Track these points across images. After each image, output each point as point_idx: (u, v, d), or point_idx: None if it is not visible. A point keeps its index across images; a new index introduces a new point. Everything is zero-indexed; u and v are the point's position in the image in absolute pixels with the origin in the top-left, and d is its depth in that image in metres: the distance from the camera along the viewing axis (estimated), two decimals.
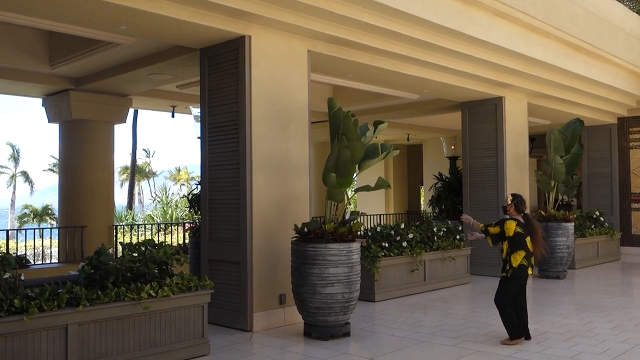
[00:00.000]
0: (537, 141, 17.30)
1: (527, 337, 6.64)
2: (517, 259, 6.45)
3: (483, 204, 12.11)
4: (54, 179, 62.10)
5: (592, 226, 14.16)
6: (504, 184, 12.01)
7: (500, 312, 6.55)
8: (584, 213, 14.85)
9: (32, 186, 59.94)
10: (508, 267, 6.50)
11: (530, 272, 6.60)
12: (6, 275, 4.91)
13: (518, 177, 12.48)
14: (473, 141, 12.50)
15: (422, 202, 22.89)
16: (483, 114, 12.38)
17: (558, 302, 9.40)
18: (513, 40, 9.92)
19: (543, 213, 12.02)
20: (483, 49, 9.76)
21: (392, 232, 9.75)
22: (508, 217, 6.70)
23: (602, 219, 14.65)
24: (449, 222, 11.47)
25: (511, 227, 6.49)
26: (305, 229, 6.94)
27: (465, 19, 8.85)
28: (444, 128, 17.65)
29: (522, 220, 6.61)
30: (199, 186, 8.85)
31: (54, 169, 56.23)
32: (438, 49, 9.23)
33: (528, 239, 6.55)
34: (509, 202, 6.73)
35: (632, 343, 6.64)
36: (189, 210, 10.03)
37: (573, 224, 12.02)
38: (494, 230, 6.63)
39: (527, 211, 7.04)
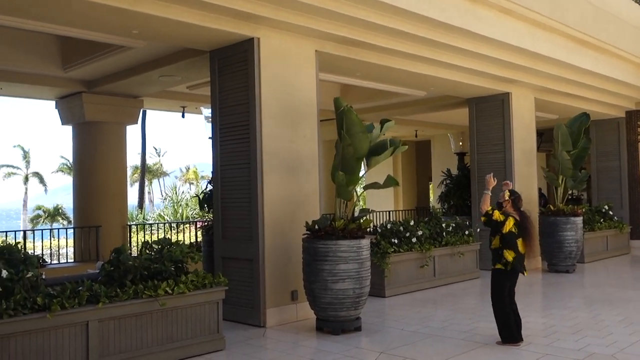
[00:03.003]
0: (545, 136, 17.33)
1: (521, 339, 6.43)
2: (510, 255, 6.26)
3: (491, 199, 12.14)
4: (64, 180, 62.54)
5: (602, 220, 14.22)
6: (512, 179, 12.09)
7: (497, 312, 6.36)
8: (593, 207, 14.89)
9: (45, 187, 60.43)
10: (505, 261, 6.28)
11: (525, 274, 6.46)
12: (29, 275, 5.08)
13: (526, 172, 12.57)
14: (480, 137, 12.59)
15: (431, 198, 22.96)
16: (490, 110, 12.46)
17: (567, 296, 9.49)
18: (519, 37, 10.01)
19: (552, 208, 12.09)
20: (489, 46, 9.86)
21: (402, 228, 9.88)
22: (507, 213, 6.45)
23: (611, 212, 14.70)
24: (458, 218, 11.58)
25: (509, 225, 6.27)
26: (316, 226, 7.09)
27: (472, 17, 8.96)
28: (451, 124, 17.72)
29: (517, 218, 6.37)
30: (209, 185, 9.02)
31: (65, 170, 56.64)
32: (444, 46, 9.35)
33: (520, 240, 6.32)
34: (506, 197, 6.55)
35: None
36: (200, 210, 10.19)
37: (581, 218, 12.09)
38: (498, 217, 6.34)
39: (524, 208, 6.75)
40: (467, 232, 11.04)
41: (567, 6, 10.80)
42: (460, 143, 15.74)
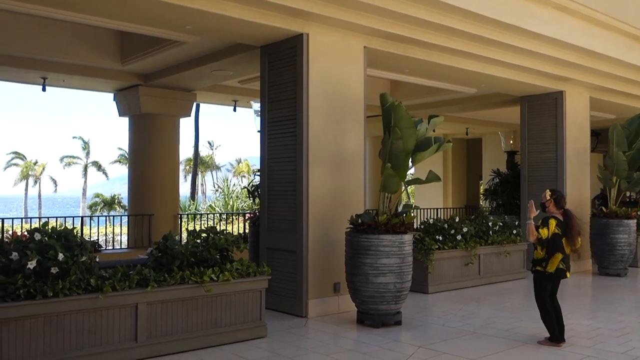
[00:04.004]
0: (602, 136, 16.87)
1: (563, 340, 6.34)
2: (555, 262, 6.18)
3: (541, 199, 11.97)
4: (121, 170, 64.70)
5: None
6: (563, 179, 11.87)
7: (541, 311, 6.36)
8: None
9: (106, 175, 62.67)
10: (545, 264, 6.22)
11: (568, 275, 6.34)
12: (83, 258, 5.38)
13: (578, 172, 12.30)
14: (532, 136, 12.39)
15: (481, 197, 22.68)
16: (543, 108, 12.25)
17: (616, 300, 9.28)
18: (573, 34, 9.80)
19: (604, 210, 11.80)
20: (542, 43, 9.69)
21: (446, 225, 9.86)
22: (548, 215, 6.38)
23: None
24: (506, 217, 11.45)
25: (551, 227, 6.16)
26: (359, 220, 7.18)
27: (524, 14, 8.83)
28: (503, 122, 17.46)
29: (561, 218, 6.30)
30: (257, 177, 9.23)
31: (122, 160, 58.52)
32: (495, 43, 9.25)
33: (564, 239, 6.23)
34: (548, 197, 6.43)
35: None
36: (251, 200, 10.43)
37: (635, 220, 11.75)
38: (543, 233, 6.18)
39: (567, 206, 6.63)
40: (514, 232, 10.91)
41: (625, 2, 10.49)
42: (511, 142, 15.50)
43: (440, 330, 7.10)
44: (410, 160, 7.41)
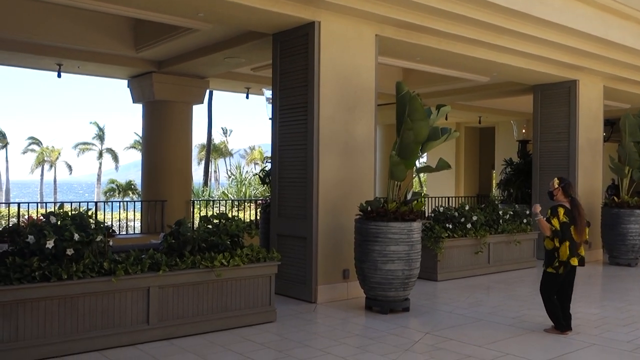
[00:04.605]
0: (617, 125, 16.74)
1: (570, 328, 6.38)
2: (565, 251, 6.15)
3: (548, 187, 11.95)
4: (136, 156, 65.16)
5: None
6: (575, 169, 11.84)
7: (545, 303, 6.38)
8: None
9: (117, 164, 63.15)
10: (557, 264, 6.21)
11: (575, 262, 6.20)
12: (98, 239, 5.51)
13: (591, 162, 12.25)
14: (544, 125, 12.34)
15: (493, 186, 22.62)
16: (556, 97, 12.19)
17: (625, 289, 9.28)
18: (588, 23, 9.72)
19: (616, 200, 11.76)
20: (554, 31, 9.63)
21: (456, 214, 9.89)
22: (556, 203, 6.36)
23: None
24: (517, 206, 11.46)
25: (560, 216, 6.14)
26: (369, 208, 7.25)
27: (536, 2, 8.78)
28: (517, 111, 17.38)
29: (568, 207, 6.28)
30: (269, 164, 9.32)
31: (137, 146, 58.92)
32: (507, 31, 9.21)
33: (572, 228, 6.19)
34: (556, 186, 6.41)
35: None
36: (263, 186, 10.50)
37: None
38: (555, 223, 6.16)
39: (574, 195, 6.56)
40: (525, 221, 10.92)
41: None
42: (524, 130, 15.43)
43: (448, 317, 7.18)
44: (419, 149, 7.45)
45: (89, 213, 5.74)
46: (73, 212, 5.64)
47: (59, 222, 5.38)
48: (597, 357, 5.68)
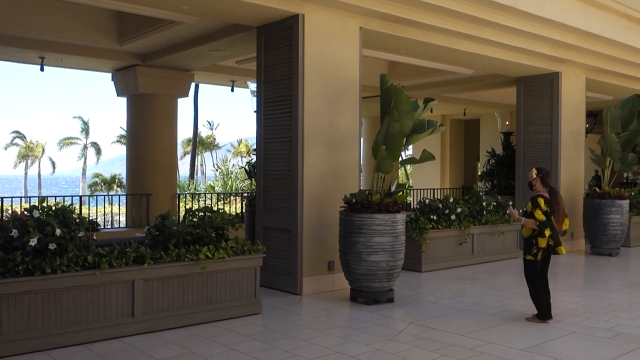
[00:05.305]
0: (599, 117, 16.93)
1: (550, 316, 6.48)
2: (544, 239, 6.23)
3: (527, 178, 12.09)
4: (121, 150, 64.79)
5: None
6: (557, 160, 11.98)
7: (530, 290, 6.50)
8: None
9: (99, 157, 62.76)
10: (535, 250, 6.33)
11: (562, 251, 6.36)
12: (80, 234, 5.50)
13: (573, 154, 12.39)
14: (527, 117, 12.46)
15: (478, 177, 22.81)
16: (539, 90, 12.30)
17: (606, 278, 9.43)
18: (570, 15, 9.82)
19: (598, 190, 11.92)
20: (538, 24, 9.72)
21: (440, 205, 9.98)
22: (535, 193, 6.43)
23: None
24: (499, 197, 11.57)
25: (541, 206, 6.21)
26: (353, 200, 7.30)
27: None
28: (501, 103, 17.51)
29: (547, 196, 6.35)
30: (255, 157, 9.33)
31: (122, 140, 58.57)
32: (491, 24, 9.28)
33: (552, 216, 6.27)
34: (534, 176, 6.49)
35: None
36: (249, 178, 10.52)
37: (628, 201, 11.87)
38: (539, 215, 6.20)
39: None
40: (510, 202, 11.01)
41: None
42: (507, 122, 15.57)
43: (432, 307, 7.26)
44: (404, 141, 7.51)
45: (73, 207, 5.73)
46: (56, 207, 5.63)
47: (42, 217, 5.36)
48: (577, 345, 5.79)
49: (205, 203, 17.28)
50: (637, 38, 11.40)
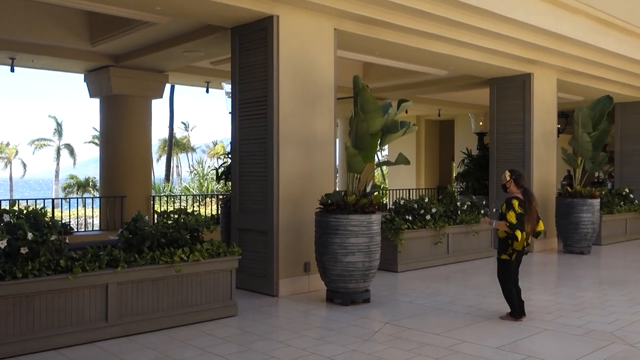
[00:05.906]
0: (571, 117, 17.22)
1: (523, 314, 6.59)
2: (521, 241, 6.31)
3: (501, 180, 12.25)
4: (95, 151, 63.96)
5: (622, 203, 14.15)
6: (530, 160, 12.15)
7: (503, 290, 6.58)
8: (613, 190, 14.80)
9: (74, 159, 61.86)
10: (511, 251, 6.41)
11: (526, 248, 6.50)
12: (53, 237, 5.42)
13: (545, 154, 12.58)
14: (500, 117, 12.62)
15: (453, 178, 23.01)
16: (511, 91, 12.47)
17: (577, 276, 9.60)
18: (540, 17, 9.97)
19: (569, 189, 12.12)
20: (510, 26, 9.84)
21: (416, 205, 10.05)
22: (510, 195, 6.50)
23: (632, 196, 14.60)
24: (474, 197, 11.69)
25: (515, 208, 6.27)
26: (328, 201, 7.31)
27: None
28: (475, 104, 17.71)
29: (521, 197, 6.43)
30: (229, 159, 9.29)
31: (96, 141, 57.82)
32: (464, 26, 9.38)
33: (525, 218, 6.34)
34: (508, 178, 6.57)
35: None
36: (217, 182, 10.48)
37: (599, 200, 12.10)
38: (511, 217, 6.26)
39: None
40: (482, 211, 11.15)
41: None
42: (481, 123, 15.76)
43: (408, 307, 7.31)
44: (378, 142, 7.55)
45: (45, 210, 5.64)
46: (27, 210, 5.54)
47: (12, 220, 5.28)
48: (549, 342, 5.88)
49: (180, 205, 17.14)
50: (607, 40, 11.62)
